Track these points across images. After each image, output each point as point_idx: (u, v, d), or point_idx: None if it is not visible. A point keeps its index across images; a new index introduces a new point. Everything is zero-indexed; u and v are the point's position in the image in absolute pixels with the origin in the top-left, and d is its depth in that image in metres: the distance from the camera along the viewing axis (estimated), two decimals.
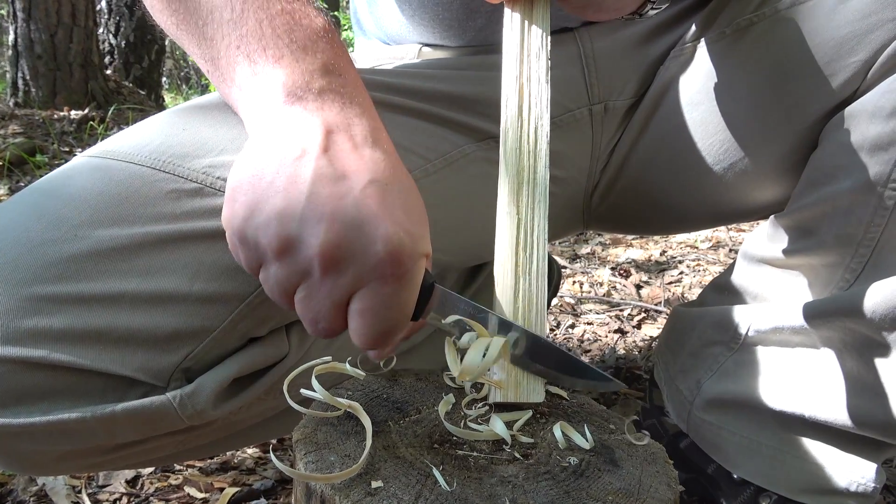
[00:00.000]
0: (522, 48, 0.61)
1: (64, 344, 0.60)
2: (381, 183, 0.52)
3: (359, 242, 0.49)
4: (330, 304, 0.51)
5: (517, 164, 0.58)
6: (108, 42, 4.86)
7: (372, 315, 0.51)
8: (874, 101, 0.72)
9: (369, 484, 0.44)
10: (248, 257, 0.53)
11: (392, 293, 0.51)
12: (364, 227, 0.49)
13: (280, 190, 0.50)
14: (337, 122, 0.54)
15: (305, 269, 0.50)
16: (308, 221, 0.49)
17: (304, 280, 0.51)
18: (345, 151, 0.52)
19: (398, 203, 0.52)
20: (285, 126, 0.53)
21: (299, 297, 0.52)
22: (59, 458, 0.67)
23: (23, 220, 0.63)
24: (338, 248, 0.49)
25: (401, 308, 0.52)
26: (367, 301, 0.51)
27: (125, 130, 0.72)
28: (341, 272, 0.50)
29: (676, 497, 0.46)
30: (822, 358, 0.82)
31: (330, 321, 0.52)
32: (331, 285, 0.50)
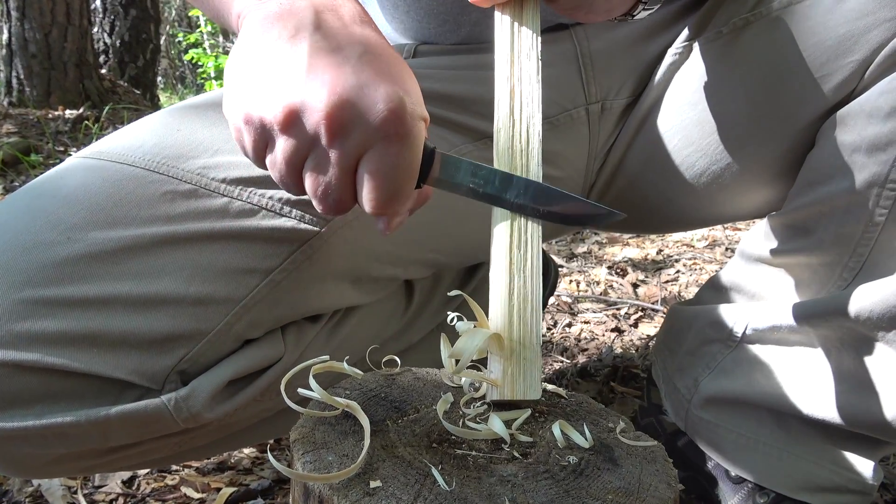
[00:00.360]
0: (513, 49, 0.61)
1: (58, 347, 0.59)
2: (375, 53, 0.53)
3: (361, 103, 0.50)
4: (339, 170, 0.52)
5: (510, 163, 0.58)
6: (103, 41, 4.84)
7: (380, 176, 0.52)
8: (872, 101, 0.72)
9: (368, 484, 0.43)
10: (253, 138, 0.54)
11: (397, 152, 0.51)
12: (365, 89, 0.50)
13: (279, 66, 0.52)
14: (325, 3, 0.56)
15: (312, 136, 0.51)
16: (310, 88, 0.50)
17: (311, 150, 0.52)
18: (336, 27, 0.54)
19: (394, 69, 0.53)
20: (276, 10, 0.55)
21: (308, 168, 0.53)
22: (54, 462, 0.67)
23: (15, 223, 0.62)
24: (341, 110, 0.50)
25: (407, 167, 0.52)
26: (375, 162, 0.51)
27: (119, 131, 0.72)
28: (347, 135, 0.51)
29: (676, 496, 0.46)
30: (820, 357, 0.82)
31: (340, 190, 0.53)
32: (338, 150, 0.51)
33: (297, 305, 0.72)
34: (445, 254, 0.88)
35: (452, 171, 0.57)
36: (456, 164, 0.57)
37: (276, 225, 0.67)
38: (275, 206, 0.67)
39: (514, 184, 0.56)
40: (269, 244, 0.67)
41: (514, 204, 0.56)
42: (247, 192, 0.66)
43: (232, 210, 0.66)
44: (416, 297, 0.92)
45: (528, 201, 0.56)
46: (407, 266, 0.83)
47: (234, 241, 0.66)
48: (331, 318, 0.79)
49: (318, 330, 0.77)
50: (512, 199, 0.56)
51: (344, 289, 0.76)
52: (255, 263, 0.67)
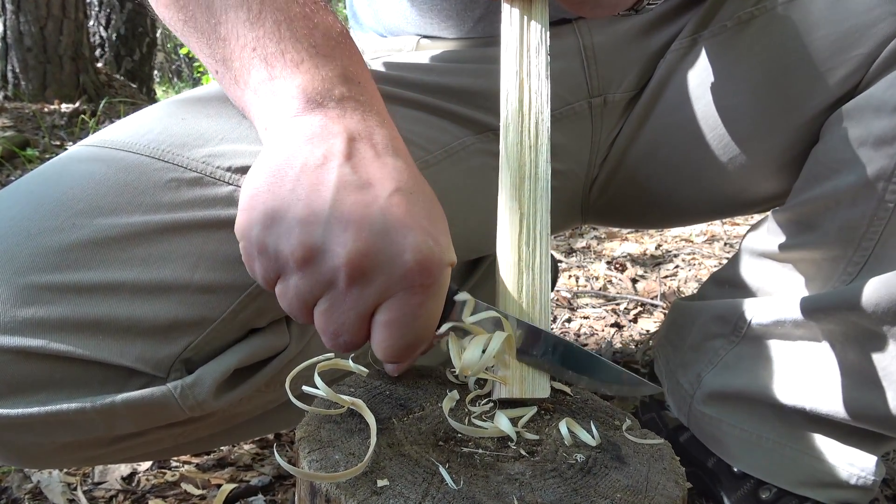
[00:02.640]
0: (522, 43, 0.61)
1: (62, 333, 0.59)
2: (406, 191, 0.50)
3: (387, 251, 0.48)
4: (354, 315, 0.50)
5: (518, 158, 0.57)
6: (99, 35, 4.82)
7: (399, 326, 0.50)
8: (879, 95, 0.72)
9: (375, 482, 0.43)
10: (265, 268, 0.51)
11: (420, 304, 0.49)
12: (392, 236, 0.48)
13: (303, 197, 0.49)
14: (359, 129, 0.53)
15: (330, 279, 0.49)
16: (333, 229, 0.48)
17: (327, 291, 0.50)
18: (368, 159, 0.51)
19: (424, 212, 0.51)
20: (306, 133, 0.52)
21: (321, 309, 0.51)
22: (57, 451, 0.66)
23: (20, 209, 0.62)
24: (365, 257, 0.47)
25: (427, 319, 0.50)
26: (395, 312, 0.49)
27: (123, 120, 0.71)
28: (368, 282, 0.48)
29: (684, 494, 0.46)
30: (824, 351, 0.82)
31: (353, 334, 0.51)
32: (356, 296, 0.49)
33: None
34: None
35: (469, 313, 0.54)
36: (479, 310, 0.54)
37: None
38: None
39: (543, 340, 0.54)
40: None
41: (537, 362, 0.54)
42: None
43: (237, 198, 0.65)
44: None
45: (556, 360, 0.54)
46: None
47: None
48: None
49: None
50: (538, 356, 0.54)
51: None
52: None
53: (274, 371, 0.71)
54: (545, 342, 0.55)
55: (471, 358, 0.50)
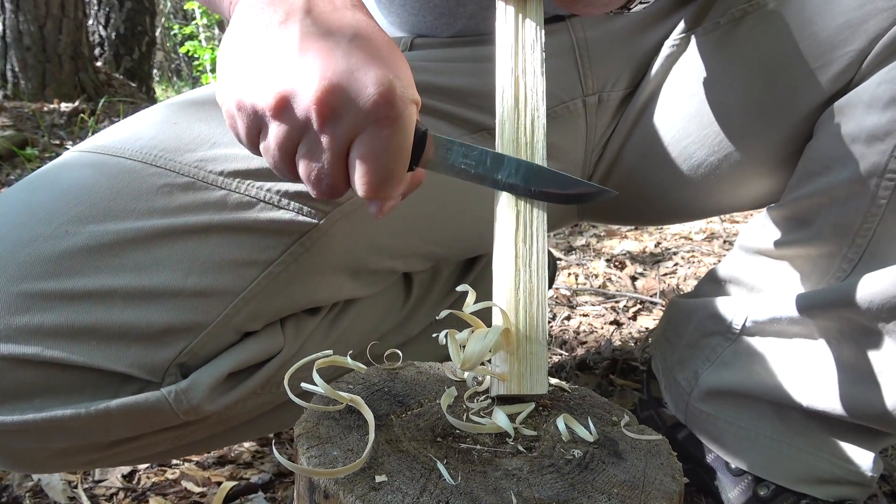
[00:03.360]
0: (517, 40, 0.61)
1: (56, 340, 0.59)
2: (366, 37, 0.53)
3: (352, 88, 0.50)
4: (331, 155, 0.52)
5: (514, 156, 0.58)
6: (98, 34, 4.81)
7: (372, 159, 0.52)
8: (870, 91, 0.72)
9: (373, 478, 0.43)
10: (246, 125, 0.54)
11: (389, 135, 0.51)
12: (355, 73, 0.50)
13: (270, 52, 0.52)
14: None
15: (303, 121, 0.51)
16: (301, 74, 0.50)
17: (303, 135, 0.52)
18: (327, 12, 0.54)
19: (384, 53, 0.53)
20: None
21: (301, 155, 0.53)
22: (54, 456, 0.67)
23: (13, 216, 0.62)
24: (332, 95, 0.50)
25: (398, 151, 0.52)
26: (366, 146, 0.51)
27: (115, 125, 0.72)
28: (338, 119, 0.51)
29: (681, 489, 0.46)
30: (820, 348, 0.82)
31: (333, 175, 0.53)
32: (329, 134, 0.51)
33: (296, 298, 0.72)
34: (444, 246, 0.88)
35: (444, 152, 0.57)
36: (448, 146, 0.57)
37: (274, 217, 0.67)
38: (273, 198, 0.67)
39: (506, 163, 0.57)
40: (267, 236, 0.67)
41: (505, 184, 0.57)
42: (245, 184, 0.66)
43: (230, 202, 0.66)
44: (414, 290, 0.92)
45: (519, 181, 0.56)
46: (406, 258, 0.83)
47: (232, 234, 0.66)
48: (330, 310, 0.79)
49: (318, 322, 0.77)
50: (503, 179, 0.57)
51: (343, 281, 0.76)
52: (253, 256, 0.67)
53: (269, 374, 0.71)
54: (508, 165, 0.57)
55: (471, 352, 0.51)
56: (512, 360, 0.54)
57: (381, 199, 0.55)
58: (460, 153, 0.57)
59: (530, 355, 0.54)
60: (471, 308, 0.54)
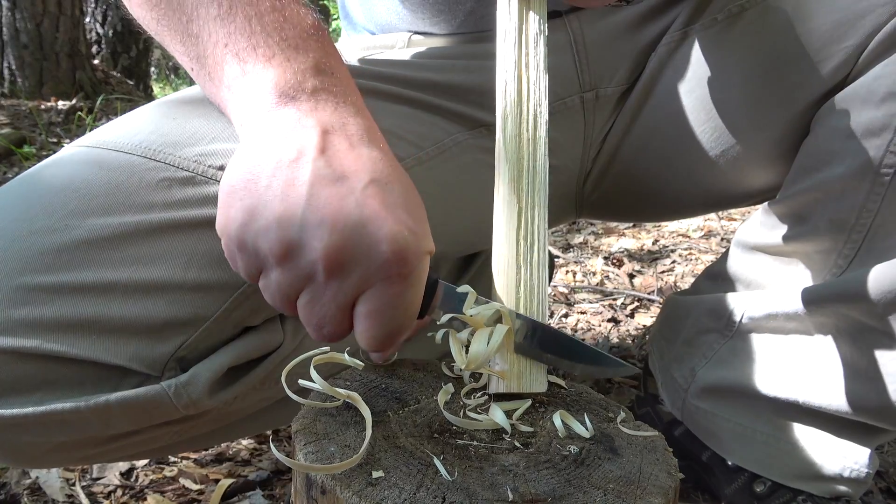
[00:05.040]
0: (521, 34, 0.60)
1: (56, 334, 0.59)
2: (382, 182, 0.51)
3: (363, 244, 0.48)
4: (335, 308, 0.50)
5: (517, 151, 0.57)
6: (96, 31, 4.80)
7: (379, 316, 0.50)
8: (866, 86, 0.73)
9: (370, 474, 0.44)
10: (247, 264, 0.52)
11: (399, 293, 0.50)
12: (368, 228, 0.48)
13: (278, 194, 0.49)
14: (332, 121, 0.53)
15: (309, 273, 0.49)
16: (310, 224, 0.48)
17: (307, 285, 0.50)
18: (342, 151, 0.51)
19: (399, 202, 0.51)
20: (279, 128, 0.52)
21: (303, 302, 0.51)
22: (53, 450, 0.67)
23: (12, 210, 0.62)
24: (342, 251, 0.48)
25: (407, 308, 0.51)
26: (374, 303, 0.50)
27: (115, 120, 0.72)
28: (346, 275, 0.49)
29: (677, 485, 0.46)
30: (816, 344, 0.82)
31: (336, 325, 0.51)
32: (336, 289, 0.49)
33: None
34: (442, 243, 0.87)
35: (455, 304, 0.55)
36: (459, 298, 0.55)
37: None
38: None
39: (521, 325, 0.55)
40: None
41: (517, 344, 0.55)
42: None
43: None
44: None
45: (534, 345, 0.55)
46: None
47: None
48: None
49: None
50: (518, 340, 0.55)
51: None
52: None
53: (268, 369, 0.71)
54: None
55: (476, 351, 0.51)
56: (512, 358, 0.54)
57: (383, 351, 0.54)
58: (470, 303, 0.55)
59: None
60: (474, 309, 0.54)
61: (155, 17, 0.61)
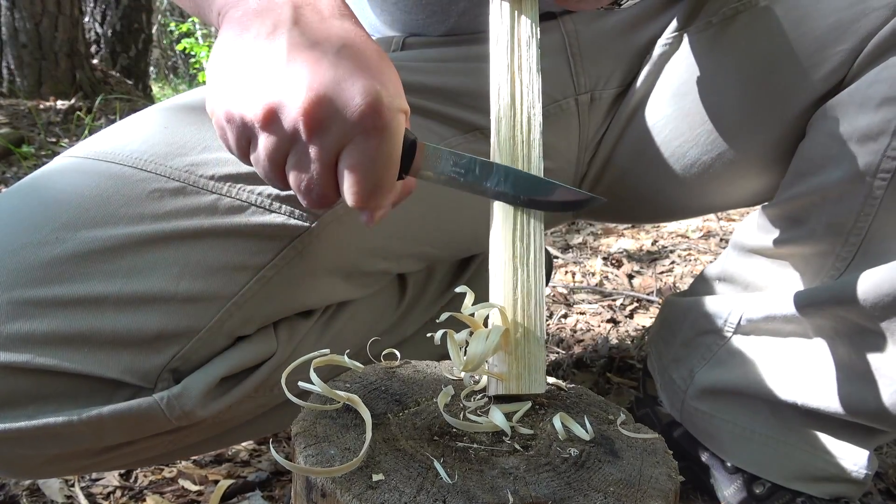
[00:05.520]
0: (513, 37, 0.60)
1: (48, 348, 0.59)
2: (353, 47, 0.53)
3: (339, 99, 0.50)
4: (320, 166, 0.52)
5: (511, 153, 0.57)
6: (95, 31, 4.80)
7: (360, 169, 0.52)
8: (863, 90, 0.73)
9: (370, 477, 0.44)
10: (236, 136, 0.54)
11: (376, 145, 0.52)
12: (342, 84, 0.51)
13: (258, 64, 0.52)
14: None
15: (291, 133, 0.52)
16: (288, 86, 0.51)
17: (292, 146, 0.53)
18: (314, 22, 0.54)
19: (372, 63, 0.53)
20: (255, 7, 0.55)
21: (290, 166, 0.54)
22: (47, 462, 0.67)
23: (3, 224, 0.62)
24: (319, 106, 0.50)
25: (387, 160, 0.53)
26: (354, 156, 0.52)
27: (106, 130, 0.72)
28: (325, 130, 0.51)
29: (677, 487, 0.46)
30: (814, 346, 0.82)
31: (322, 185, 0.54)
32: (318, 146, 0.52)
33: (289, 301, 0.72)
34: (438, 247, 0.88)
35: (434, 161, 0.57)
36: (437, 154, 0.57)
37: (265, 221, 0.67)
38: (264, 202, 0.67)
39: (495, 172, 0.57)
40: (259, 240, 0.67)
41: (495, 192, 0.57)
42: (236, 188, 0.66)
43: (221, 207, 0.66)
44: (409, 291, 0.92)
45: (508, 189, 0.56)
46: (399, 259, 0.83)
47: (223, 238, 0.66)
48: (323, 313, 0.79)
49: (311, 325, 0.77)
50: (493, 188, 0.57)
51: (336, 283, 0.76)
52: (245, 260, 0.67)
53: (262, 378, 0.71)
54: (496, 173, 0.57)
55: (474, 352, 0.51)
56: (510, 359, 0.54)
57: (371, 209, 0.55)
58: (450, 162, 0.57)
59: (528, 355, 0.54)
60: (470, 309, 0.54)
61: None
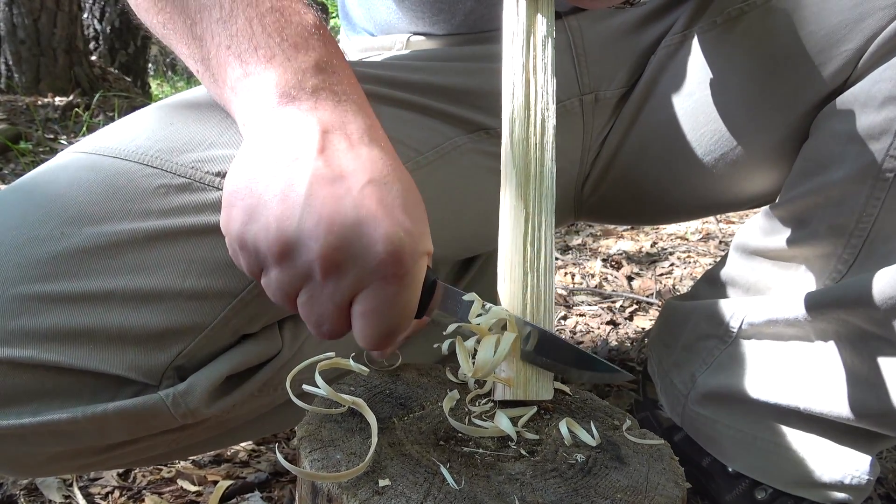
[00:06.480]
0: (529, 36, 0.59)
1: (52, 344, 0.59)
2: (380, 182, 0.51)
3: (359, 244, 0.49)
4: (332, 306, 0.51)
5: (525, 156, 0.56)
6: (93, 27, 4.78)
7: (375, 316, 0.51)
8: (866, 90, 0.73)
9: (377, 482, 0.43)
10: (248, 263, 0.53)
11: (395, 293, 0.50)
12: (363, 228, 0.49)
13: (277, 194, 0.50)
14: (332, 121, 0.53)
15: (306, 273, 0.50)
16: (307, 225, 0.49)
17: (305, 283, 0.51)
18: (341, 151, 0.52)
19: (398, 202, 0.51)
20: (280, 128, 0.53)
21: (302, 300, 0.52)
22: (50, 460, 0.66)
23: (8, 219, 0.61)
24: (338, 251, 0.48)
25: (404, 307, 0.51)
26: (370, 302, 0.50)
27: (112, 125, 0.71)
28: (342, 274, 0.49)
29: (684, 494, 0.46)
30: (817, 350, 0.82)
31: (333, 323, 0.52)
32: (332, 288, 0.50)
33: None
34: (441, 246, 0.87)
35: (454, 305, 0.55)
36: (457, 299, 0.55)
37: None
38: None
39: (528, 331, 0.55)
40: None
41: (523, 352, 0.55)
42: None
43: None
44: None
45: (530, 348, 0.55)
46: None
47: None
48: None
49: None
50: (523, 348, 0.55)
51: None
52: None
53: (266, 376, 0.70)
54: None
55: (483, 359, 0.51)
56: (518, 365, 0.53)
57: (381, 349, 0.54)
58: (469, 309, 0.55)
59: None
60: (479, 320, 0.53)
61: (161, 21, 0.62)
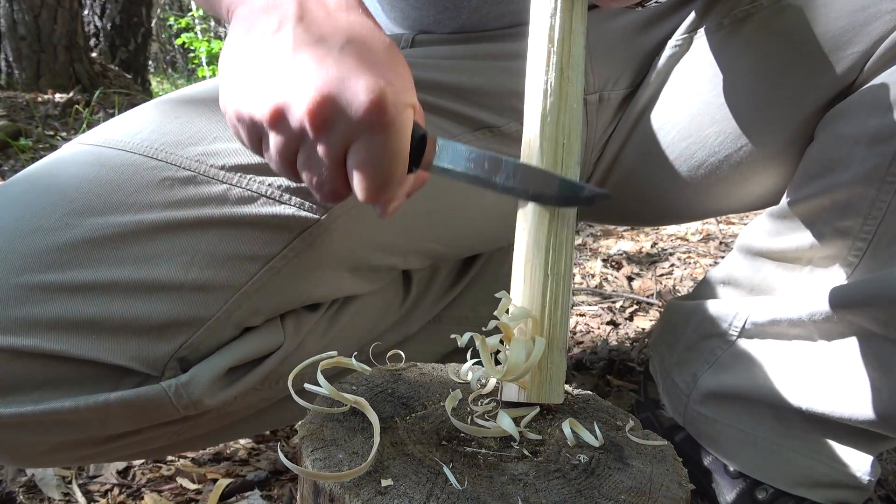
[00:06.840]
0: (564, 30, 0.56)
1: (56, 333, 0.59)
2: (359, 41, 0.53)
3: (343, 97, 0.50)
4: (328, 163, 0.53)
5: (553, 157, 0.55)
6: (94, 24, 4.78)
7: (368, 166, 0.52)
8: (873, 93, 0.72)
9: (379, 482, 0.43)
10: (248, 134, 0.55)
11: (383, 142, 0.51)
12: (346, 81, 0.50)
13: (264, 62, 0.52)
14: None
15: (299, 132, 0.52)
16: (293, 85, 0.51)
17: (300, 144, 0.53)
18: (320, 17, 0.54)
19: (378, 58, 0.53)
20: (262, 3, 0.55)
21: (300, 162, 0.54)
22: (51, 450, 0.66)
23: (13, 208, 0.62)
24: (323, 105, 0.50)
25: (394, 156, 0.53)
26: (361, 153, 0.52)
27: (117, 118, 0.71)
28: (331, 129, 0.51)
29: (688, 495, 0.46)
30: (820, 350, 0.82)
31: (333, 181, 0.54)
32: (325, 143, 0.52)
33: (297, 293, 0.72)
34: (445, 244, 0.87)
35: (444, 154, 0.57)
36: (446, 148, 0.57)
37: (275, 212, 0.67)
38: (274, 193, 0.66)
39: (504, 166, 0.56)
40: (268, 231, 0.67)
41: (503, 186, 0.56)
42: (246, 178, 0.66)
43: (231, 197, 0.66)
44: (413, 289, 0.92)
45: (517, 184, 0.56)
46: (406, 255, 0.83)
47: (233, 228, 0.66)
48: (329, 307, 0.79)
49: (317, 319, 0.77)
50: (501, 182, 0.56)
51: (343, 277, 0.76)
52: (254, 250, 0.67)
53: (268, 370, 0.71)
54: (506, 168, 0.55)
55: (516, 361, 0.50)
56: (534, 368, 0.53)
57: (382, 202, 0.55)
58: (460, 155, 0.57)
59: (551, 365, 0.53)
60: (507, 318, 0.53)
61: None
